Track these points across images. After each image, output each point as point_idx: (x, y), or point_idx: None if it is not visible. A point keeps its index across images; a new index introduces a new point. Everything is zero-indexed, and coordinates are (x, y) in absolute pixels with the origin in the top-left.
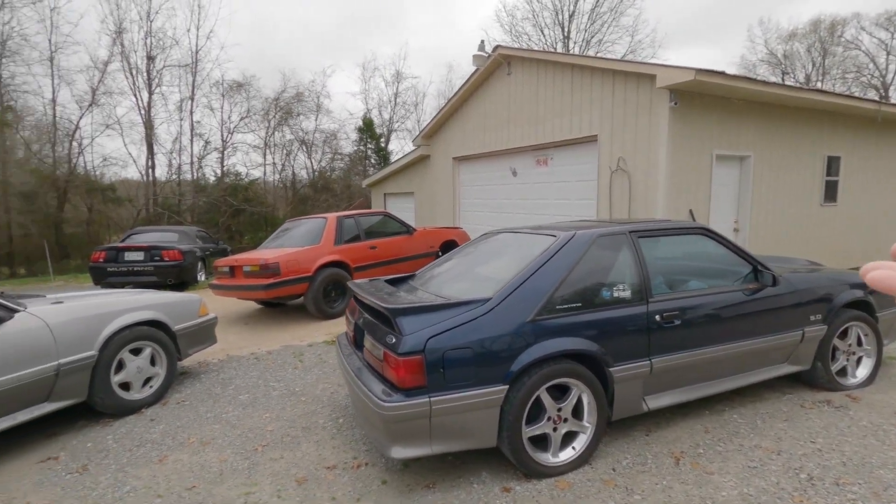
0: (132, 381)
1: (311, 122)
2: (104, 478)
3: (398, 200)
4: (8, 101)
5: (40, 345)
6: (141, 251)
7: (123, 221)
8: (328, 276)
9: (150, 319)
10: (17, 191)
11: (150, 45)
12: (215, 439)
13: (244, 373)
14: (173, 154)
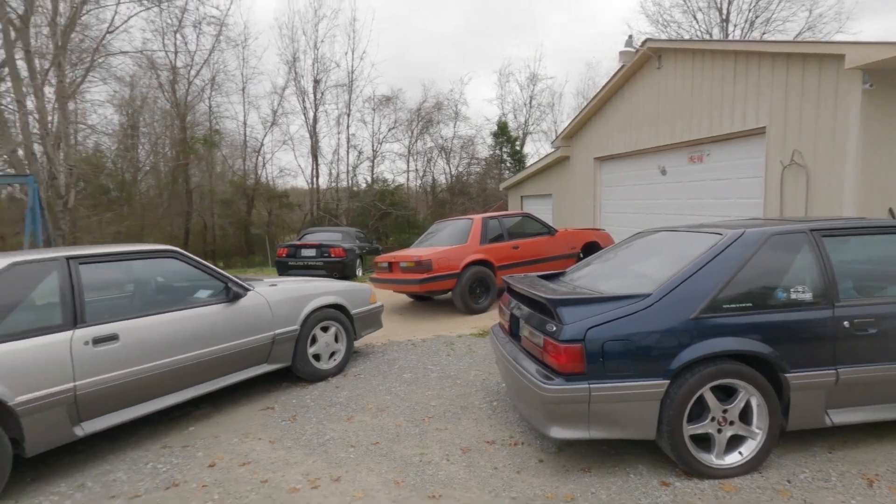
0: (321, 353)
1: (450, 129)
2: (309, 427)
3: (535, 202)
4: (215, 125)
5: (264, 318)
6: (313, 248)
7: (294, 223)
8: (474, 273)
9: (335, 303)
10: (218, 198)
11: (317, 69)
12: (389, 408)
13: (405, 355)
14: (333, 164)
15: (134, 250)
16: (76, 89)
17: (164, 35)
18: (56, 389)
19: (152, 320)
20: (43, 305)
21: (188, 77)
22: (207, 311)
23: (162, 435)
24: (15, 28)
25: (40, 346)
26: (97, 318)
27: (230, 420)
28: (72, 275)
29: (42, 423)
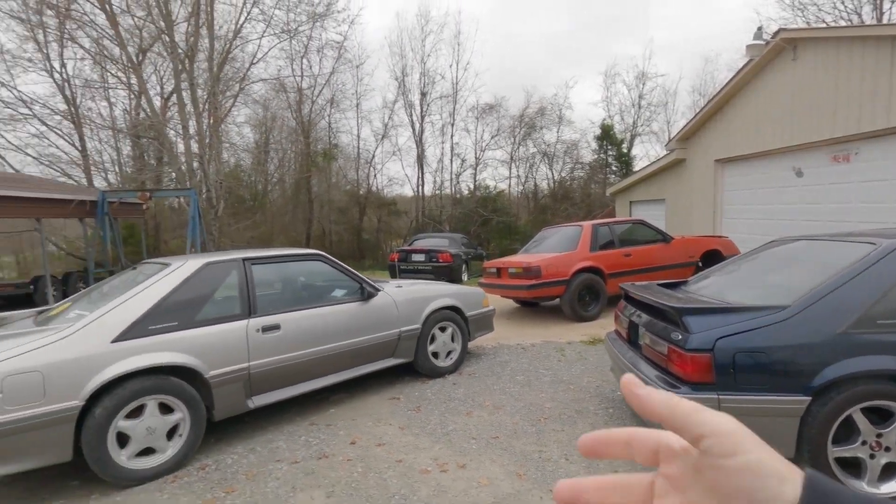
0: (439, 351)
1: (553, 134)
2: (432, 418)
3: (646, 208)
4: (333, 140)
5: (391, 316)
6: (422, 254)
7: (400, 229)
8: (583, 280)
9: (452, 305)
10: (335, 207)
11: (423, 83)
12: (504, 406)
13: (516, 359)
14: (437, 172)
15: (289, 253)
16: (227, 114)
17: (293, 61)
18: (236, 367)
19: (305, 314)
20: (227, 298)
21: (311, 97)
22: (347, 307)
23: (308, 414)
24: (183, 66)
25: (226, 331)
26: (264, 310)
27: (363, 406)
28: (247, 273)
29: (226, 394)
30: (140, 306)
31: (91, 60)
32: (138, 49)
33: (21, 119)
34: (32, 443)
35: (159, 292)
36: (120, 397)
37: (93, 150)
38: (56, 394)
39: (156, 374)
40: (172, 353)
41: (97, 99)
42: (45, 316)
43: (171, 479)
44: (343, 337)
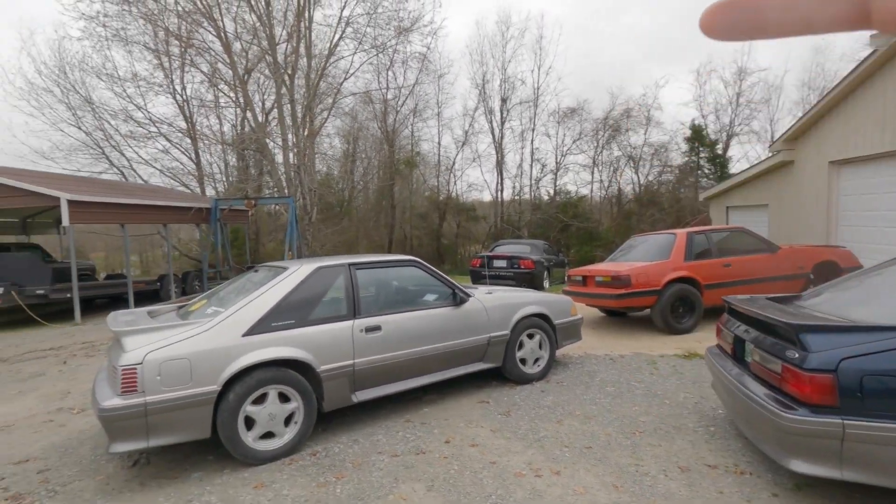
0: (527, 358)
1: (640, 136)
2: (523, 423)
3: (744, 214)
4: (415, 148)
5: (481, 321)
6: (504, 260)
7: (478, 235)
8: (677, 291)
9: (540, 313)
10: (416, 212)
11: (504, 89)
12: (596, 417)
13: (604, 369)
14: (516, 178)
15: (388, 259)
16: (321, 127)
17: (379, 74)
18: (343, 364)
19: (403, 316)
20: (335, 300)
21: (396, 108)
22: (440, 311)
23: (403, 411)
24: (283, 83)
25: (335, 330)
26: (367, 311)
27: (454, 407)
28: (352, 277)
29: (334, 388)
30: (265, 305)
31: (207, 82)
32: (244, 69)
33: (151, 137)
34: (181, 420)
35: (280, 293)
36: (248, 385)
37: (205, 163)
38: (200, 378)
39: (276, 366)
40: (291, 348)
41: (210, 116)
42: (186, 310)
43: (287, 461)
44: (437, 340)
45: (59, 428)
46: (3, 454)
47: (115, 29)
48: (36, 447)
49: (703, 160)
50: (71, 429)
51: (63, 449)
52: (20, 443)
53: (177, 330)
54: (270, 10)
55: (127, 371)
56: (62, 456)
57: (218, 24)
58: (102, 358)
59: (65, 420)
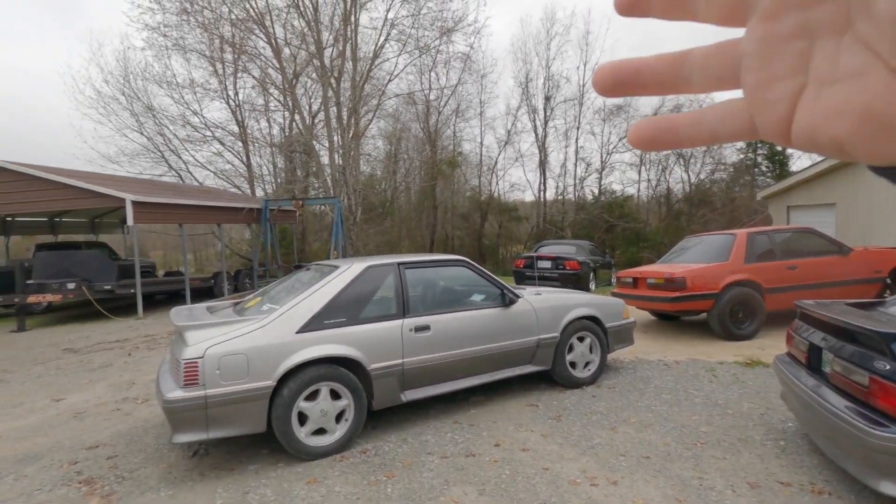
0: (577, 361)
1: None
2: (575, 429)
3: (807, 214)
4: (458, 148)
5: (531, 323)
6: (549, 261)
7: (520, 235)
8: (736, 295)
9: (591, 315)
10: (458, 212)
11: (548, 87)
12: (652, 425)
13: (659, 375)
14: (560, 177)
15: (437, 259)
16: (366, 128)
17: (422, 75)
18: (393, 363)
19: (451, 316)
20: (385, 298)
21: (438, 108)
22: (489, 312)
23: (451, 412)
24: (331, 87)
25: (384, 328)
26: (416, 311)
27: (502, 410)
28: (401, 276)
29: (383, 387)
30: (317, 303)
31: (258, 87)
32: (293, 74)
33: (206, 141)
34: (238, 413)
35: (331, 291)
36: (302, 381)
37: (255, 165)
38: (256, 373)
39: (328, 363)
40: (342, 346)
41: (260, 120)
42: (242, 307)
43: (338, 458)
44: (485, 341)
45: (126, 416)
46: (77, 438)
47: (174, 38)
48: (105, 434)
49: (760, 157)
50: (136, 417)
51: (129, 437)
52: (91, 429)
53: (234, 326)
54: (318, 15)
55: (189, 364)
56: (129, 443)
57: (269, 31)
58: (164, 350)
59: (130, 409)
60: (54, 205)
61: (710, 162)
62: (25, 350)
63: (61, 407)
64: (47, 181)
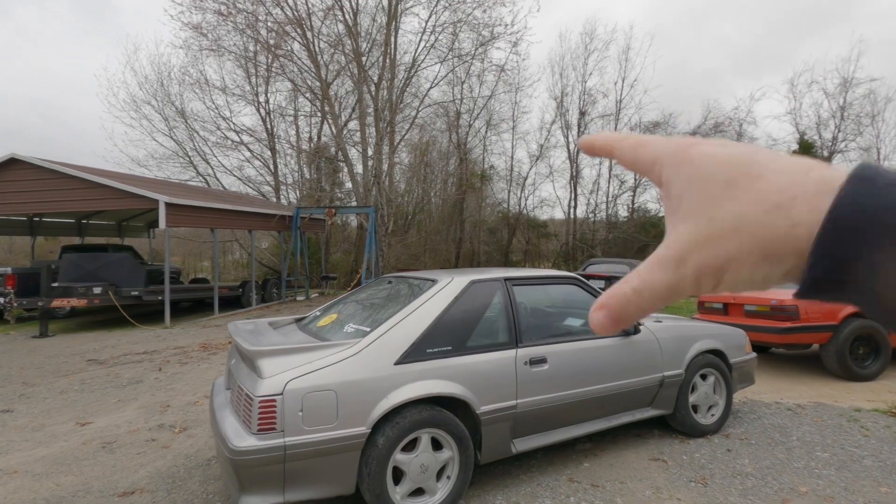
0: (700, 404)
1: None
2: (732, 498)
3: None
4: (489, 162)
5: (655, 357)
6: (602, 280)
7: (549, 253)
8: (859, 327)
9: (716, 349)
10: (486, 227)
11: (583, 101)
12: (835, 498)
13: (793, 424)
14: (591, 194)
15: (546, 275)
16: (404, 136)
17: (454, 87)
18: (506, 404)
19: (569, 347)
20: (493, 322)
21: (470, 121)
22: (609, 343)
23: (560, 466)
24: (369, 92)
25: (496, 360)
26: (528, 339)
27: (622, 464)
28: (509, 295)
29: (493, 434)
30: (418, 325)
31: (289, 93)
32: (327, 77)
33: (235, 147)
34: (323, 469)
35: (434, 310)
36: (401, 427)
37: (281, 174)
38: (347, 416)
39: (431, 403)
40: (448, 382)
41: (289, 128)
42: (313, 326)
43: None
44: (606, 378)
45: (163, 450)
46: (108, 479)
47: (211, 40)
48: (141, 473)
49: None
50: (175, 452)
51: (171, 480)
52: (124, 466)
53: (318, 353)
54: (358, 19)
55: (265, 403)
56: (170, 490)
57: (306, 34)
58: (196, 365)
59: (167, 440)
60: (87, 205)
61: None
62: (48, 359)
63: (88, 433)
64: (81, 180)
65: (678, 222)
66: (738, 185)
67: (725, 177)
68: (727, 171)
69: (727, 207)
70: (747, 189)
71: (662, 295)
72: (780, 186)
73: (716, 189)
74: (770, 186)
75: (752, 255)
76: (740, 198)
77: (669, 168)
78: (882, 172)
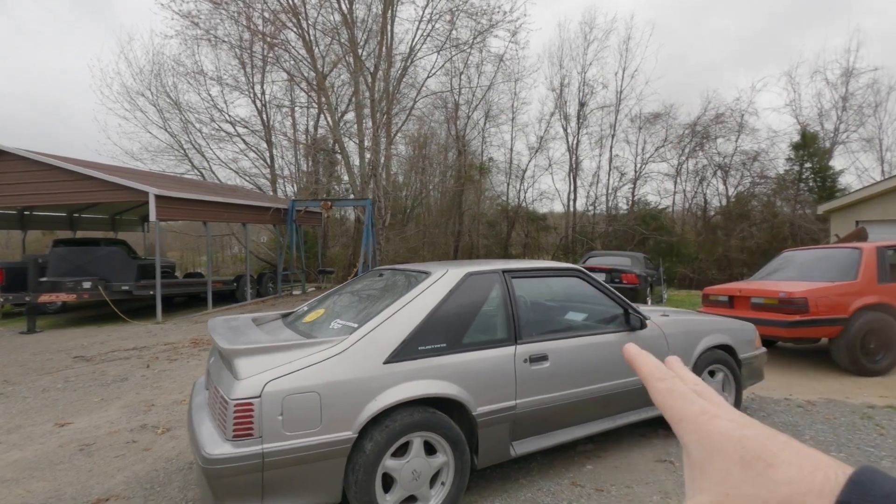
0: None
1: (731, 144)
2: None
3: (881, 230)
4: (487, 154)
5: (661, 352)
6: (604, 273)
7: (548, 246)
8: (870, 321)
9: (725, 344)
10: (485, 220)
11: (583, 93)
12: None
13: (803, 422)
14: (591, 187)
15: (546, 267)
16: (401, 127)
17: (452, 78)
18: (504, 405)
19: (572, 343)
20: (490, 317)
21: (468, 112)
22: (613, 338)
23: (562, 469)
24: (365, 82)
25: (494, 358)
26: (528, 335)
27: (627, 466)
28: (508, 288)
29: (491, 437)
30: (410, 321)
31: (284, 84)
32: (323, 67)
33: (229, 139)
34: (305, 478)
35: (426, 305)
36: (391, 431)
37: (278, 165)
38: (331, 420)
39: (423, 405)
40: (443, 382)
41: (285, 119)
42: (297, 321)
43: None
44: (611, 376)
45: (143, 453)
46: (83, 485)
47: (203, 29)
48: (118, 478)
49: (807, 170)
50: (156, 455)
51: (149, 485)
52: (101, 470)
53: (300, 350)
54: (353, 8)
55: (241, 407)
56: (148, 496)
57: (301, 23)
58: (186, 363)
59: (149, 442)
60: (76, 198)
61: (749, 175)
62: (33, 356)
63: (66, 434)
64: (70, 172)
65: (697, 492)
66: (752, 468)
67: (741, 457)
68: (742, 453)
69: (743, 489)
70: (760, 474)
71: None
72: (790, 479)
73: (732, 467)
74: (781, 477)
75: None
76: (755, 482)
77: (690, 434)
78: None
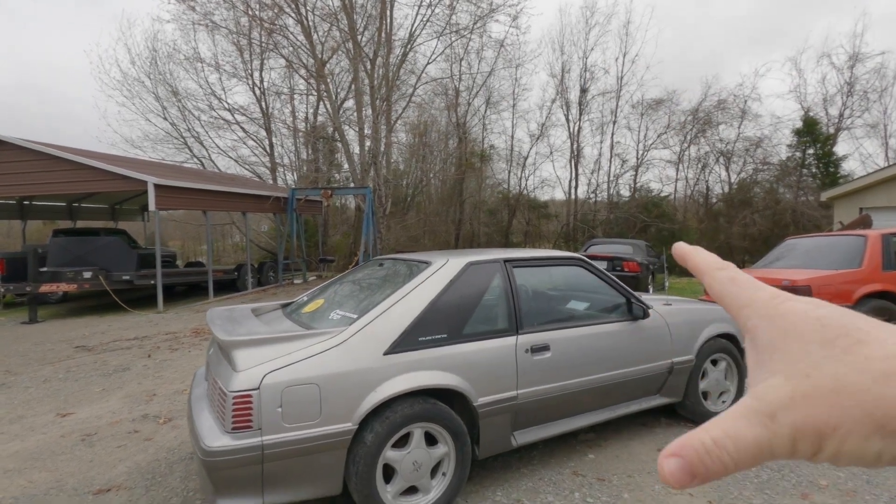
0: (710, 391)
1: (733, 130)
2: (747, 492)
3: (886, 216)
4: (488, 141)
5: (664, 342)
6: (604, 261)
7: (549, 234)
8: (876, 309)
9: (728, 332)
10: (486, 208)
11: (584, 79)
12: (858, 492)
13: None
14: (592, 174)
15: (548, 256)
16: (401, 114)
17: (452, 64)
18: (505, 395)
19: (573, 333)
20: (492, 307)
21: (468, 99)
22: (616, 328)
23: (562, 457)
24: (364, 69)
25: (494, 348)
26: (530, 325)
27: (629, 456)
28: (509, 278)
29: (492, 428)
30: (410, 312)
31: (283, 72)
32: (322, 54)
33: (228, 127)
34: (306, 470)
35: (427, 295)
36: (392, 422)
37: (277, 155)
38: (331, 412)
39: (424, 396)
40: (443, 373)
41: (284, 107)
42: (297, 311)
43: None
44: (613, 366)
45: (145, 443)
46: (84, 475)
47: (202, 14)
48: (120, 468)
49: (810, 157)
50: (158, 445)
51: (150, 476)
52: (103, 460)
53: (300, 342)
54: None
55: (240, 399)
56: (149, 486)
57: (300, 9)
58: (188, 352)
59: (151, 432)
60: (75, 187)
61: (752, 161)
62: (35, 346)
63: (68, 425)
64: (69, 162)
65: (768, 375)
66: (836, 346)
67: (821, 336)
68: (822, 332)
69: (825, 367)
70: (848, 352)
71: (751, 451)
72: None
73: (812, 347)
74: (875, 353)
75: (862, 426)
76: (841, 360)
77: (760, 317)
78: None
